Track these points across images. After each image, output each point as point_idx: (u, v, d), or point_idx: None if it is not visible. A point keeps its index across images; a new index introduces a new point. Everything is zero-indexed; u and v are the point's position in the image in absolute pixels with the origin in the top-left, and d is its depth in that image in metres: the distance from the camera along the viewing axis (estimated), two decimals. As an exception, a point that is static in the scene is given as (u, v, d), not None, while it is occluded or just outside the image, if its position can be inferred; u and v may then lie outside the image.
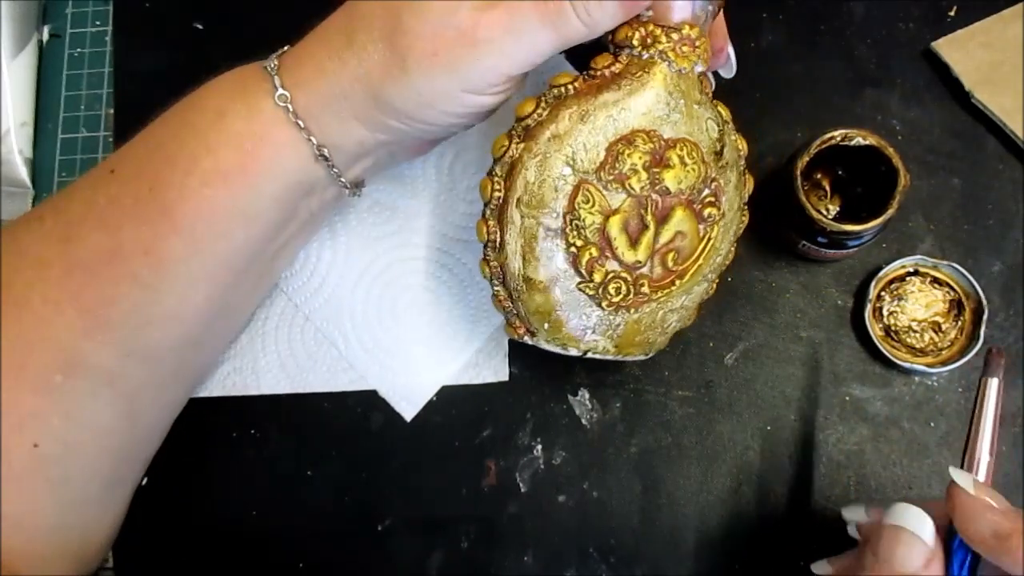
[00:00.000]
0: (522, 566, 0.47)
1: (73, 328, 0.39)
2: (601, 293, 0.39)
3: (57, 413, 0.39)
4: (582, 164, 0.37)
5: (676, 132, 0.38)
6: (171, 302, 0.40)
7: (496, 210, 0.38)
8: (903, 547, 0.33)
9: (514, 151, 0.38)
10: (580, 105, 0.37)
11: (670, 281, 0.40)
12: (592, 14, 0.35)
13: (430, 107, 0.37)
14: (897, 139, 0.51)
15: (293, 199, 0.41)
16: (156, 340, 0.41)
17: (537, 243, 0.38)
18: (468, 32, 0.35)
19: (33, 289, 0.39)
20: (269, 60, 0.40)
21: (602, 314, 0.39)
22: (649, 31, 0.37)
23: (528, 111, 0.38)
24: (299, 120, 0.38)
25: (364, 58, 0.37)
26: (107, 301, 0.39)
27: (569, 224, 0.38)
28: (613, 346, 0.40)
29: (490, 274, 0.40)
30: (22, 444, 0.39)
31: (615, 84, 0.37)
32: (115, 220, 0.39)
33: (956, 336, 0.48)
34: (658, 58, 0.38)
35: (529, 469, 0.49)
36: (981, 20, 0.51)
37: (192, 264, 0.40)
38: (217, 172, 0.38)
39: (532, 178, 0.37)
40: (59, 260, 0.39)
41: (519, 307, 0.40)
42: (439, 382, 0.50)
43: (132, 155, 0.41)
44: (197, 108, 0.40)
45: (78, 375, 0.39)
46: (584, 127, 0.37)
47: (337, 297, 0.50)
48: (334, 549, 0.49)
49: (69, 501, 0.41)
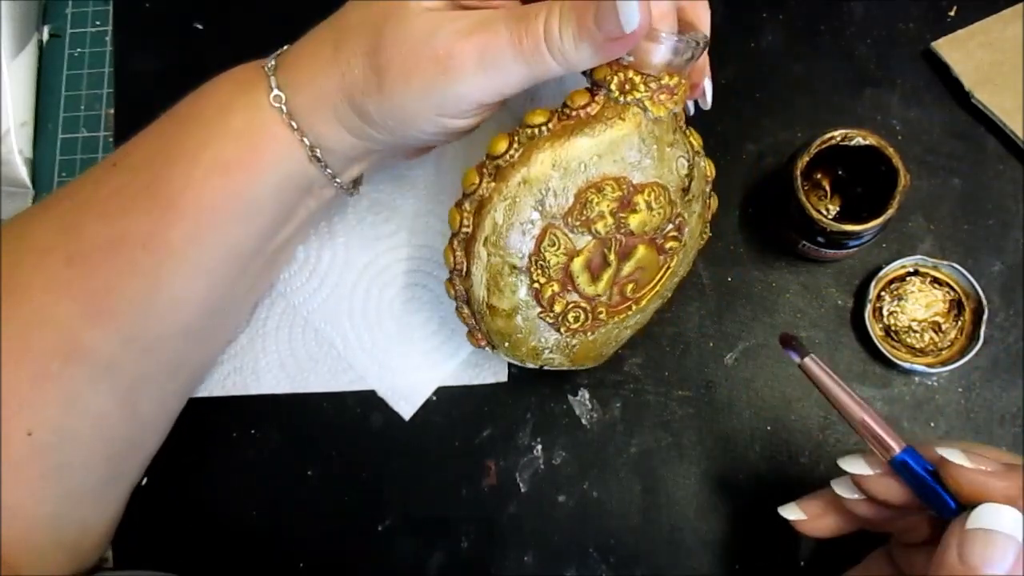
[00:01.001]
0: (522, 566, 0.47)
1: (73, 316, 0.39)
2: (560, 321, 0.40)
3: (55, 401, 0.40)
4: (550, 209, 0.37)
5: (645, 177, 0.38)
6: (171, 293, 0.40)
7: (463, 242, 0.39)
8: (998, 550, 0.31)
9: (484, 190, 0.38)
10: (553, 149, 0.37)
11: (627, 307, 0.42)
12: (568, 56, 0.35)
13: (407, 125, 0.38)
14: (897, 139, 0.51)
15: (292, 196, 0.41)
16: (156, 330, 0.41)
17: (502, 278, 0.39)
18: (442, 59, 0.35)
19: (33, 277, 0.39)
20: (269, 59, 0.40)
21: (560, 337, 0.41)
22: (628, 77, 0.36)
23: (501, 150, 0.37)
24: (292, 121, 0.39)
25: (346, 71, 0.37)
26: (108, 290, 0.39)
27: (534, 264, 0.38)
28: (568, 360, 0.42)
29: (455, 295, 0.41)
30: (19, 431, 0.39)
31: (589, 128, 0.37)
32: (117, 210, 0.39)
33: (956, 336, 0.48)
34: (635, 105, 0.37)
35: (529, 469, 0.49)
36: (981, 20, 0.51)
37: (193, 256, 0.40)
38: (218, 164, 0.39)
39: (500, 220, 0.37)
40: (60, 248, 0.39)
41: (482, 325, 0.41)
42: (437, 381, 0.50)
43: (134, 149, 0.41)
44: (201, 103, 0.41)
45: (77, 363, 0.40)
46: (555, 173, 0.37)
47: (336, 297, 0.50)
48: (334, 549, 0.49)
49: (66, 492, 0.41)
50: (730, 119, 0.51)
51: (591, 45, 0.34)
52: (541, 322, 0.40)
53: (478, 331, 0.42)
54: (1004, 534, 0.31)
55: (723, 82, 0.52)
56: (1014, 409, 0.47)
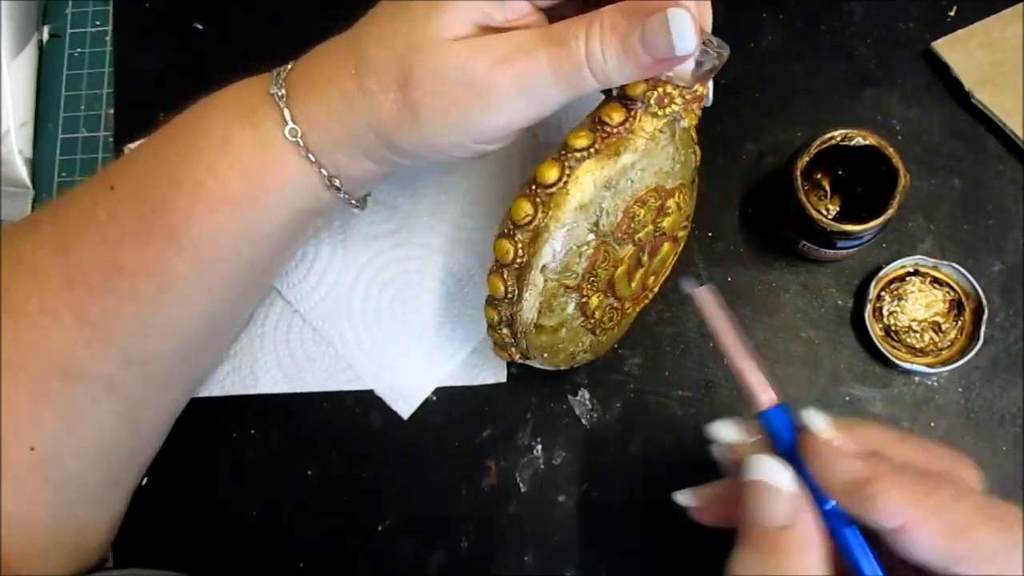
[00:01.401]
0: (522, 566, 0.47)
1: (71, 337, 0.39)
2: (596, 324, 0.42)
3: (55, 417, 0.39)
4: (603, 228, 0.38)
5: (675, 181, 0.39)
6: (172, 315, 0.40)
7: (516, 271, 0.38)
8: (763, 502, 0.29)
9: (540, 220, 0.37)
10: (602, 170, 0.37)
11: (644, 296, 0.44)
12: (611, 76, 0.34)
13: (439, 153, 0.37)
14: (897, 139, 0.51)
15: (302, 222, 0.41)
16: (156, 350, 0.41)
17: (555, 300, 0.39)
18: (481, 91, 0.34)
19: (30, 297, 0.39)
20: (275, 82, 0.38)
21: (594, 338, 0.43)
22: (666, 92, 0.37)
23: (553, 179, 0.37)
24: (311, 155, 0.38)
25: (375, 106, 0.36)
26: (107, 313, 0.39)
27: (586, 281, 0.39)
28: (593, 355, 0.44)
29: (498, 320, 0.40)
30: (19, 445, 0.39)
31: (631, 144, 0.37)
32: (115, 237, 0.38)
33: (956, 336, 0.48)
34: (672, 118, 0.38)
35: (529, 469, 0.49)
36: (981, 20, 0.51)
37: (196, 282, 0.39)
38: (225, 200, 0.38)
39: (559, 248, 0.37)
40: (57, 271, 0.39)
41: (521, 343, 0.41)
42: (436, 381, 0.50)
43: (132, 173, 0.40)
44: (201, 132, 0.39)
45: (76, 382, 0.39)
46: (607, 193, 0.37)
47: (334, 296, 0.50)
48: (334, 549, 0.49)
49: (67, 500, 0.41)
50: (730, 119, 0.51)
51: (636, 65, 0.34)
52: (581, 329, 0.41)
53: (512, 347, 0.41)
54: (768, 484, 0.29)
55: (723, 82, 0.52)
56: (1014, 409, 0.47)
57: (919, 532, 0.27)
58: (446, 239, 0.50)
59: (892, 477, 0.28)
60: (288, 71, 0.39)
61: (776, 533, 0.29)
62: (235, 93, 0.40)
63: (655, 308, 0.50)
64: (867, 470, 0.28)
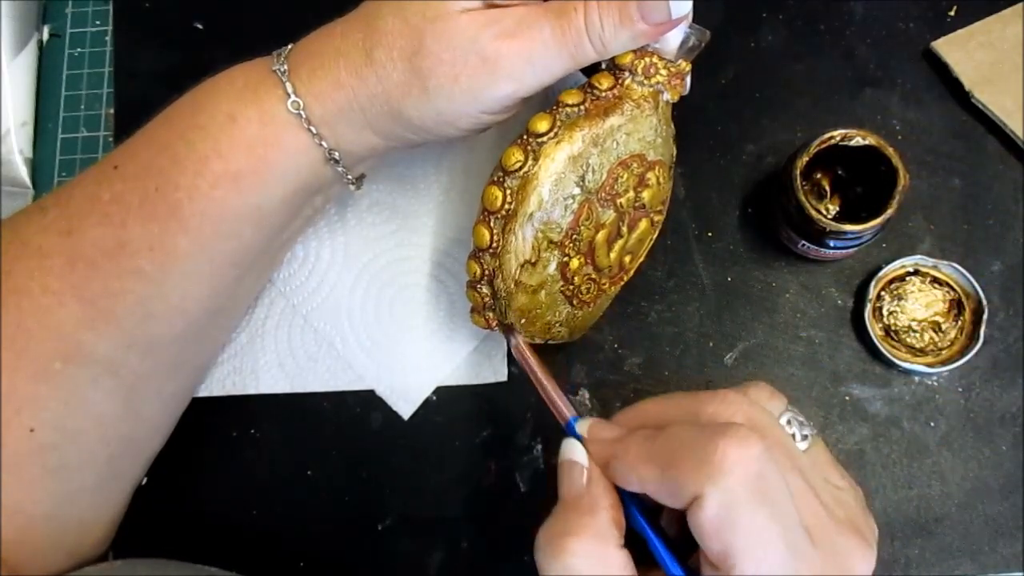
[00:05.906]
0: (522, 566, 0.47)
1: (74, 318, 0.39)
2: (575, 293, 0.42)
3: (56, 400, 0.40)
4: (589, 184, 0.39)
5: (656, 155, 0.41)
6: (175, 296, 0.40)
7: (502, 220, 0.39)
8: (567, 475, 0.33)
9: (530, 167, 0.38)
10: (592, 128, 0.39)
11: (620, 277, 0.45)
12: (607, 44, 0.37)
13: (446, 123, 0.39)
14: (897, 139, 0.51)
15: (302, 198, 0.42)
16: (158, 332, 0.41)
17: (539, 254, 0.39)
18: (490, 60, 0.37)
19: (33, 278, 0.39)
20: (277, 60, 0.39)
21: (571, 310, 0.43)
22: (652, 63, 0.40)
23: (544, 129, 0.38)
24: (312, 127, 0.39)
25: (384, 76, 0.38)
26: (110, 294, 0.39)
27: (569, 238, 0.40)
28: (568, 333, 0.45)
29: (480, 274, 0.41)
30: (19, 428, 0.39)
31: (619, 108, 0.39)
32: (119, 216, 0.39)
33: (956, 336, 0.48)
34: (656, 88, 0.40)
35: (529, 469, 0.49)
36: (981, 20, 0.51)
37: (198, 261, 0.40)
38: (228, 175, 0.39)
39: (547, 196, 0.38)
40: (61, 252, 0.39)
41: (501, 304, 0.41)
42: (436, 381, 0.50)
43: (136, 153, 0.41)
44: (206, 110, 0.40)
45: (78, 364, 0.40)
46: (595, 150, 0.39)
47: (335, 296, 0.50)
48: (334, 549, 0.49)
49: (66, 490, 0.41)
50: (730, 119, 0.51)
51: (631, 33, 0.37)
52: (560, 296, 0.42)
53: (491, 311, 0.42)
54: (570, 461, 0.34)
55: (723, 82, 0.52)
56: (1014, 409, 0.47)
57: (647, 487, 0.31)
58: (447, 239, 0.50)
59: (624, 445, 0.32)
60: (290, 50, 0.40)
61: (575, 498, 0.33)
62: (239, 73, 0.41)
63: (655, 308, 0.50)
64: (610, 448, 0.33)
